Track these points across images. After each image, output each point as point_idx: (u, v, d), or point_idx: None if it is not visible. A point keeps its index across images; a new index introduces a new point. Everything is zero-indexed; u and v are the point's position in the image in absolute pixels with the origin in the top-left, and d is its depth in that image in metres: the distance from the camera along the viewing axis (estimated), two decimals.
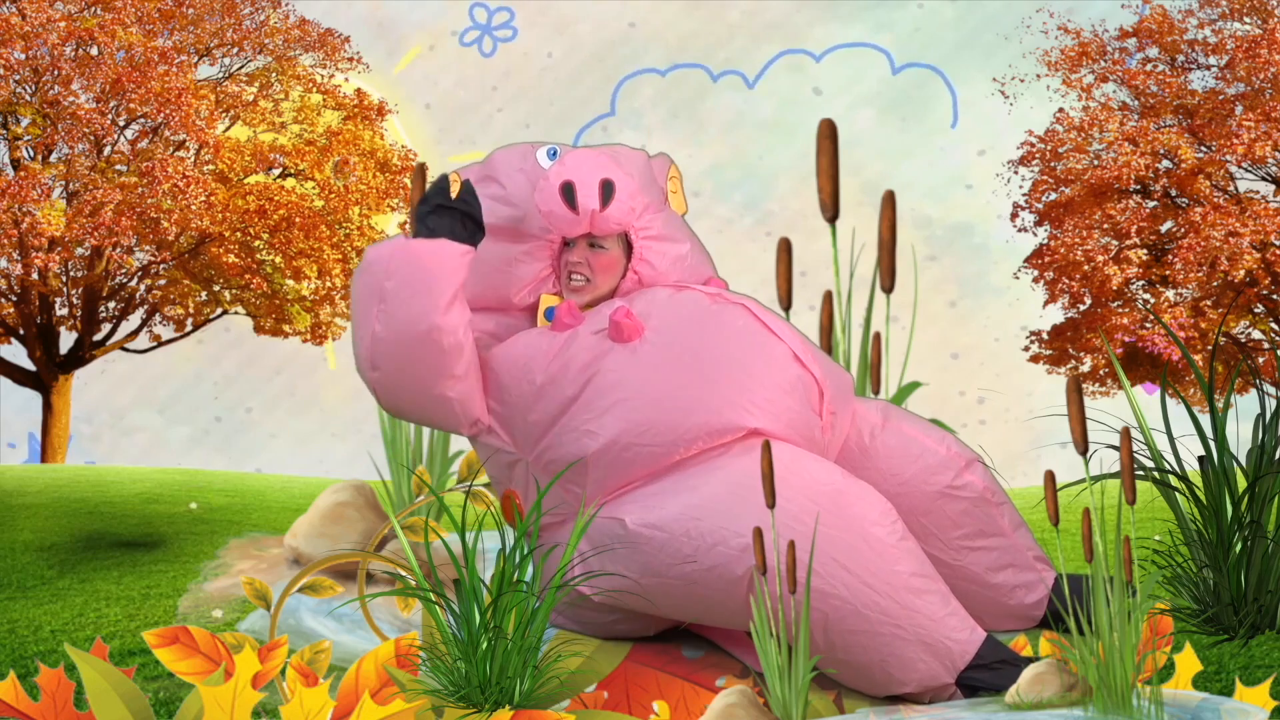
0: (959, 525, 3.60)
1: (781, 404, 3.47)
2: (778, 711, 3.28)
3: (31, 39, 13.77)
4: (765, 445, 3.27)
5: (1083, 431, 3.23)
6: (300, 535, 4.36)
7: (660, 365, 3.44)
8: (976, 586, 3.61)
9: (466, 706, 3.31)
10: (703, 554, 3.33)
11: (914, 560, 3.35)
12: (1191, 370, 8.63)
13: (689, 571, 3.35)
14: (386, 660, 3.40)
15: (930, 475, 3.60)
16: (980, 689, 3.36)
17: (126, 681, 3.46)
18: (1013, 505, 3.70)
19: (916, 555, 3.36)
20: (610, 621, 3.55)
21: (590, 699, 3.45)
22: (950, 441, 3.68)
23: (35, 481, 7.49)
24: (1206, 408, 4.08)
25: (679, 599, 3.40)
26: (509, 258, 3.57)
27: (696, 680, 3.53)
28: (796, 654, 3.27)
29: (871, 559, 3.31)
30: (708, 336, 3.47)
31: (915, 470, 3.58)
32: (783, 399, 3.47)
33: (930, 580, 3.36)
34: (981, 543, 3.62)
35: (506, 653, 3.31)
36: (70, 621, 4.82)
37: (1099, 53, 14.85)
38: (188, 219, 13.68)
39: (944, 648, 3.35)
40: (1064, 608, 3.59)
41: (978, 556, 3.63)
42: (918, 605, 3.33)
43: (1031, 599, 3.67)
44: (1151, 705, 3.16)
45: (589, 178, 3.51)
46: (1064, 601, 3.64)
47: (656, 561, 3.37)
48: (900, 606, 3.32)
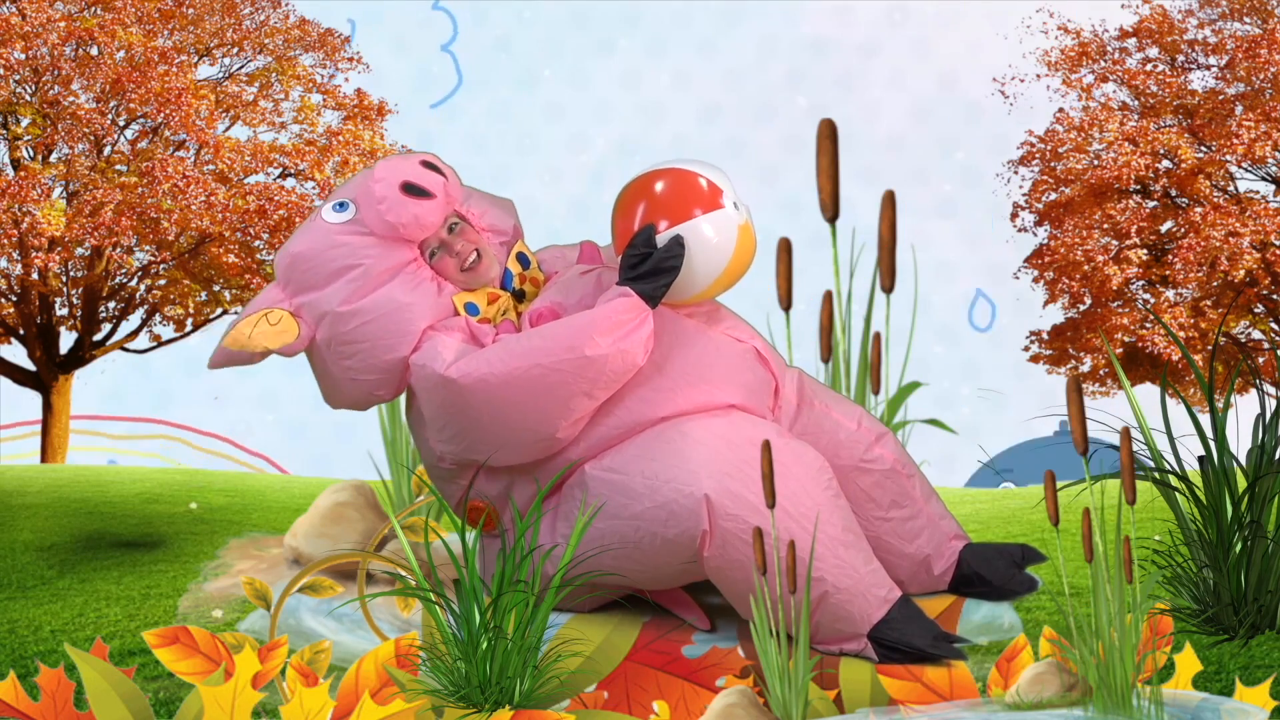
0: (871, 498, 3.71)
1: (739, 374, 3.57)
2: (778, 711, 3.28)
3: (31, 39, 13.77)
4: (765, 445, 3.31)
5: (1083, 431, 3.24)
6: (300, 535, 4.36)
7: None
8: (892, 556, 3.72)
9: (466, 706, 3.31)
10: (653, 492, 3.41)
11: (844, 516, 3.50)
12: (1191, 370, 8.63)
13: (640, 510, 3.42)
14: (386, 660, 3.40)
15: (841, 450, 3.69)
16: (891, 646, 3.49)
17: (126, 681, 3.46)
18: (924, 476, 3.83)
19: (846, 511, 3.52)
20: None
21: (590, 699, 3.45)
22: (861, 415, 3.78)
23: (35, 481, 7.48)
24: (1206, 408, 4.09)
25: (627, 543, 3.47)
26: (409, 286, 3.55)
27: (696, 680, 3.53)
28: (796, 651, 3.28)
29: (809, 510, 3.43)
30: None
31: (826, 444, 3.66)
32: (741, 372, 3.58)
33: (857, 537, 3.52)
34: (895, 513, 3.74)
35: (506, 653, 3.31)
36: (70, 621, 4.82)
37: (1099, 53, 14.85)
38: (188, 219, 13.68)
39: (863, 602, 3.48)
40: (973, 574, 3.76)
41: (891, 527, 3.74)
42: (845, 558, 3.45)
43: (940, 567, 3.79)
44: (1151, 705, 3.17)
45: (410, 170, 3.55)
46: (973, 568, 3.78)
47: (611, 502, 3.45)
48: (832, 557, 3.44)
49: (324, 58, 15.19)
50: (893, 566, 3.68)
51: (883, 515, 3.72)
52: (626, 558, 3.48)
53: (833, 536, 3.45)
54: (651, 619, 3.69)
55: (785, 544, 3.37)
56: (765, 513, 3.36)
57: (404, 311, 3.51)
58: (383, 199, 3.51)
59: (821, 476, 3.50)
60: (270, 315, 3.53)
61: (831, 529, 3.45)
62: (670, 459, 3.41)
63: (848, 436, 3.71)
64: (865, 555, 3.52)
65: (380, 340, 3.49)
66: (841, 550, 3.46)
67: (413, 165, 3.57)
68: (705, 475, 3.37)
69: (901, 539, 3.73)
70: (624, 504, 3.44)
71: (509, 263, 3.67)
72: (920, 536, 3.75)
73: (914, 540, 3.75)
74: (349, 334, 3.51)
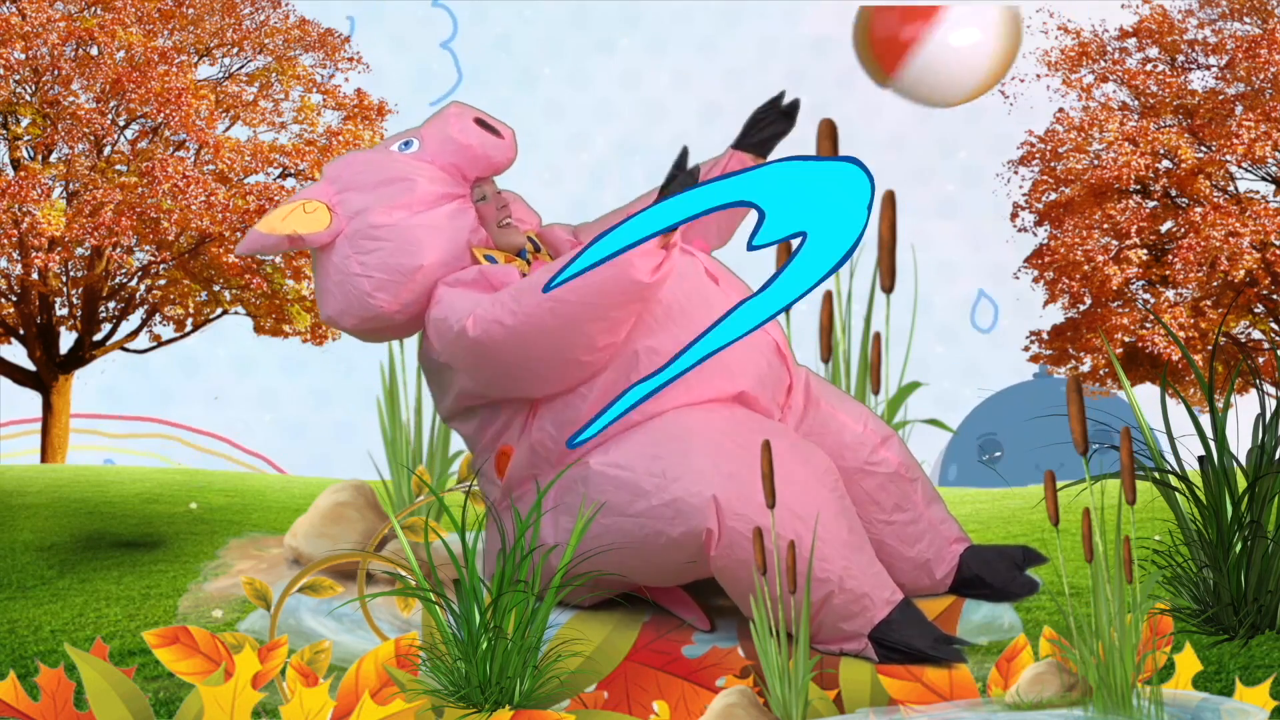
0: (875, 500, 3.74)
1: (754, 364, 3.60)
2: (778, 711, 3.28)
3: (31, 39, 13.76)
4: (765, 445, 3.31)
5: (1083, 431, 3.24)
6: (300, 535, 4.36)
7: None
8: (893, 559, 3.74)
9: (466, 706, 3.31)
10: (660, 490, 3.43)
11: (850, 518, 3.53)
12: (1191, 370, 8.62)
13: (645, 508, 3.44)
14: (386, 660, 3.40)
15: (846, 451, 3.71)
16: (891, 647, 3.50)
17: (126, 681, 3.46)
18: (927, 480, 3.85)
19: (852, 513, 3.55)
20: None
21: (590, 699, 3.45)
22: (867, 417, 3.78)
23: (35, 481, 7.49)
24: (1206, 408, 4.09)
25: (631, 540, 3.48)
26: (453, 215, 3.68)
27: (696, 680, 3.53)
28: (796, 651, 3.28)
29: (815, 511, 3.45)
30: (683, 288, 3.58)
31: (831, 445, 3.67)
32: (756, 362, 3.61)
33: (862, 539, 3.55)
34: (897, 517, 3.76)
35: (506, 653, 3.31)
36: (70, 621, 4.82)
37: (1099, 53, 14.84)
38: (188, 219, 13.67)
39: (866, 603, 3.50)
40: (974, 577, 3.79)
41: (894, 530, 3.76)
42: (851, 559, 3.48)
43: (942, 571, 3.81)
44: (1151, 705, 3.17)
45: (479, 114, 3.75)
46: (974, 571, 3.81)
47: (616, 498, 3.48)
48: (839, 558, 3.46)
49: (324, 58, 15.18)
50: (894, 569, 3.69)
51: (885, 518, 3.72)
52: (629, 554, 3.48)
53: (839, 538, 3.45)
54: (651, 619, 3.70)
55: (789, 543, 3.37)
56: (778, 521, 3.37)
57: (438, 232, 3.61)
58: (458, 122, 3.67)
59: (828, 478, 3.51)
60: (307, 205, 3.64)
61: (838, 530, 3.46)
62: (678, 458, 3.42)
63: (853, 438, 3.71)
64: (870, 557, 3.54)
65: (404, 244, 3.58)
66: (848, 552, 3.47)
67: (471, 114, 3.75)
68: (714, 475, 3.38)
69: (903, 542, 3.74)
70: (629, 501, 3.45)
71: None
72: (922, 540, 3.76)
73: (915, 544, 3.75)
74: (376, 232, 3.60)
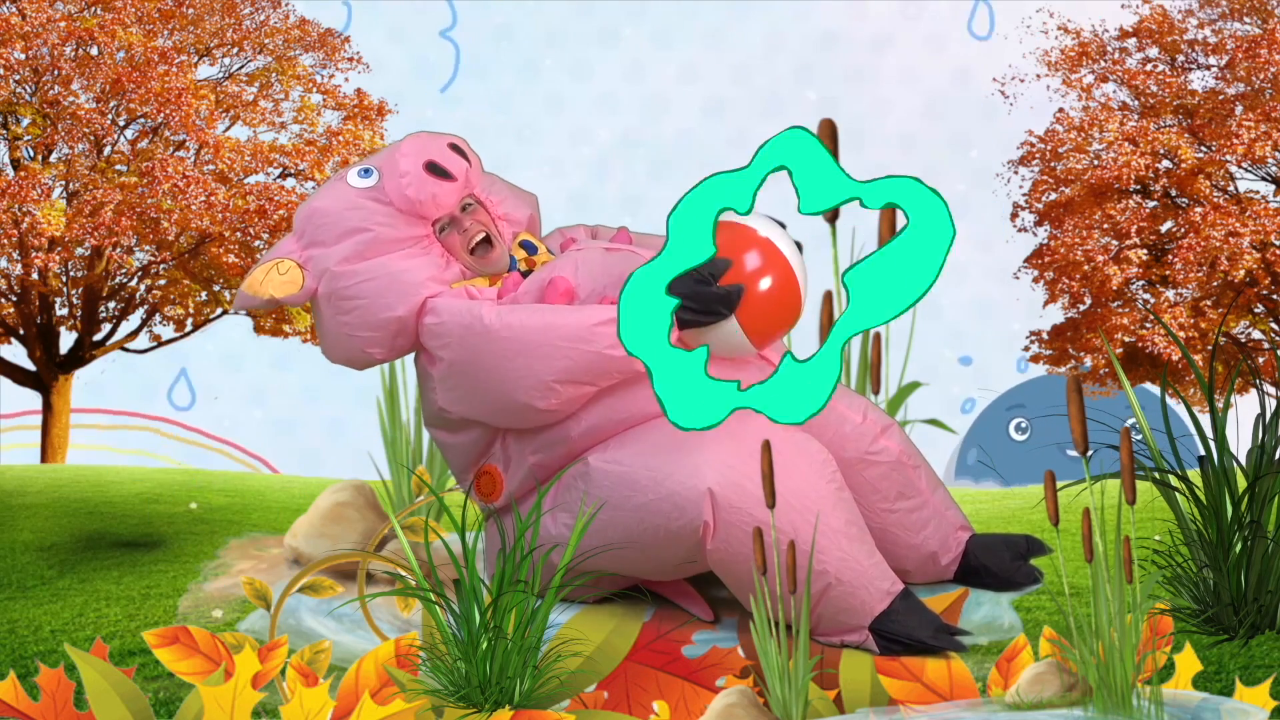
0: (878, 489, 3.73)
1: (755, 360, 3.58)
2: (778, 711, 3.28)
3: (31, 39, 13.76)
4: (765, 445, 3.31)
5: (1083, 431, 3.24)
6: (300, 535, 4.36)
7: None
8: (898, 547, 3.74)
9: (466, 706, 3.31)
10: (657, 484, 3.44)
11: (847, 509, 3.52)
12: (1191, 370, 8.62)
13: (643, 502, 3.46)
14: (386, 660, 3.40)
15: (847, 442, 3.71)
16: (892, 638, 3.51)
17: (126, 681, 3.46)
18: (930, 467, 3.85)
19: (850, 504, 3.55)
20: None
21: (590, 699, 3.45)
22: (867, 408, 3.80)
23: (35, 481, 7.49)
24: (1206, 408, 4.09)
25: (630, 535, 3.49)
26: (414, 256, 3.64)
27: (696, 680, 3.53)
28: (796, 651, 3.28)
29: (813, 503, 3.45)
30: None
31: (832, 437, 3.67)
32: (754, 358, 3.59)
33: (861, 530, 3.54)
34: (901, 505, 3.75)
35: (506, 653, 3.31)
36: (70, 621, 4.82)
37: (1099, 53, 14.84)
38: (188, 219, 13.67)
39: (866, 594, 3.50)
40: (979, 565, 3.79)
41: (898, 518, 3.75)
42: (848, 550, 3.47)
43: (947, 558, 3.80)
44: (1151, 705, 3.16)
45: (436, 150, 3.67)
46: (978, 559, 3.81)
47: (615, 494, 3.49)
48: (836, 550, 3.45)
49: (324, 58, 15.18)
50: (899, 557, 3.70)
51: (889, 507, 3.73)
52: (630, 549, 3.49)
53: (836, 529, 3.46)
54: (652, 619, 3.69)
55: (788, 536, 3.38)
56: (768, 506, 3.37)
57: (405, 275, 3.60)
58: (406, 174, 3.62)
59: (825, 470, 3.51)
60: (280, 265, 3.65)
61: (835, 522, 3.46)
62: (674, 452, 3.43)
63: (853, 429, 3.72)
64: (868, 548, 3.54)
65: (379, 299, 3.58)
66: (845, 543, 3.47)
67: (439, 145, 3.69)
68: (709, 469, 3.39)
69: (908, 530, 3.74)
70: (628, 495, 3.47)
71: (512, 248, 3.76)
72: (927, 527, 3.77)
73: (920, 531, 3.76)
74: (347, 290, 3.60)
